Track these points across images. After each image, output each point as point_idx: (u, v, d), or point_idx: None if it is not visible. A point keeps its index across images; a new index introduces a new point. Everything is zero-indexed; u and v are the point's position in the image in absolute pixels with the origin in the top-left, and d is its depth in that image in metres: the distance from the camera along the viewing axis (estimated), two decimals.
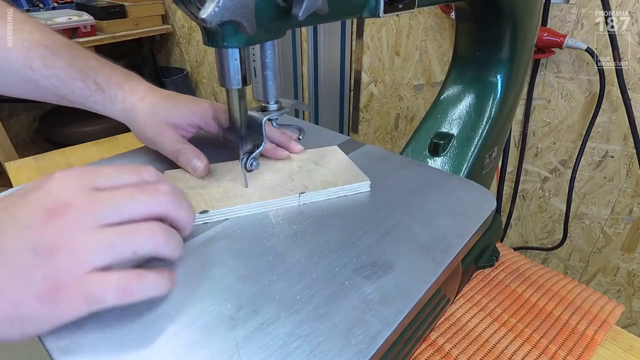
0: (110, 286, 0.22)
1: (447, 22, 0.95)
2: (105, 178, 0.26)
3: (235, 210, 0.35)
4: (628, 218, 0.85)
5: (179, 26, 1.78)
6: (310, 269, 0.29)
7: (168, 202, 0.26)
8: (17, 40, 0.37)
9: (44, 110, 1.91)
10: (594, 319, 0.46)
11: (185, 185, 0.38)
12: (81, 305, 0.22)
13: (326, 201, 0.37)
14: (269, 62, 0.33)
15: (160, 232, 0.25)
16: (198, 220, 0.34)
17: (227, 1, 0.23)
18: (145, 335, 0.24)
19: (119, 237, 0.23)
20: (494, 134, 0.51)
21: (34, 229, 0.22)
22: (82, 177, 0.25)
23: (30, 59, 0.37)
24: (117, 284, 0.22)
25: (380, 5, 0.31)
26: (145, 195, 0.25)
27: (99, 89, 0.40)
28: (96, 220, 0.23)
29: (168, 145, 0.40)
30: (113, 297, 0.22)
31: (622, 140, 0.80)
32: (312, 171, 0.40)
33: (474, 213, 0.36)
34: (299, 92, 1.40)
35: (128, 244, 0.23)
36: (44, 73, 0.37)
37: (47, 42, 0.38)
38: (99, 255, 0.23)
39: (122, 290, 0.23)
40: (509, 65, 0.50)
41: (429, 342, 0.43)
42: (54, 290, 0.22)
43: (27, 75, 0.37)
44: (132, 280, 0.23)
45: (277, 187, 0.38)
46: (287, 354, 0.23)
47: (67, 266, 0.22)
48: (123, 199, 0.25)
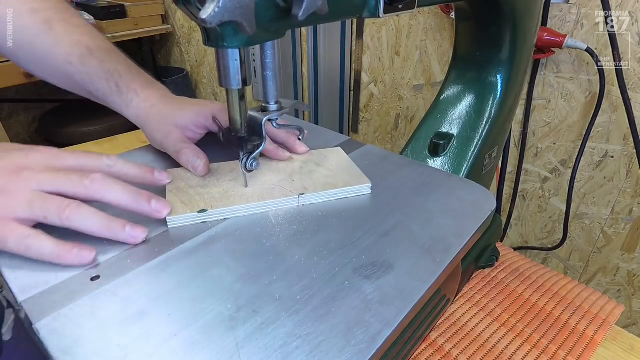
0: (13, 234, 0.28)
1: (447, 22, 0.95)
2: (68, 161, 0.33)
3: (234, 210, 0.35)
4: (628, 218, 0.85)
5: (179, 26, 1.78)
6: (310, 269, 0.29)
7: (92, 185, 0.31)
8: (67, 40, 0.44)
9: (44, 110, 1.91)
10: (594, 319, 0.46)
11: (186, 184, 0.38)
12: None
13: (326, 202, 0.37)
14: (269, 63, 0.33)
15: (69, 208, 0.29)
16: (196, 219, 0.34)
17: (227, 1, 0.23)
18: (145, 336, 0.24)
19: (40, 201, 0.29)
20: (494, 134, 0.51)
21: (1, 174, 0.29)
22: (53, 155, 0.32)
23: (70, 55, 0.43)
24: (18, 234, 0.28)
25: (380, 5, 0.31)
26: (77, 177, 0.31)
27: (119, 91, 0.44)
28: (38, 185, 0.30)
29: (171, 146, 0.41)
30: (13, 242, 0.28)
31: (622, 140, 0.80)
32: (313, 172, 0.40)
33: (474, 213, 0.36)
34: (299, 92, 1.40)
35: (41, 208, 0.29)
36: (78, 69, 0.43)
37: (90, 44, 0.44)
38: (21, 208, 0.29)
39: (20, 240, 0.28)
40: (509, 65, 0.50)
41: (429, 342, 0.43)
42: None
43: (66, 69, 0.44)
44: (29, 236, 0.28)
45: (276, 187, 0.38)
46: (287, 354, 0.23)
47: (0, 207, 0.28)
48: (61, 177, 0.31)
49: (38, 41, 0.43)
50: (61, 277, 0.28)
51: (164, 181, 0.37)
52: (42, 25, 0.43)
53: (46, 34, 0.43)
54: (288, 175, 0.40)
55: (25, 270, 0.28)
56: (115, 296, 0.27)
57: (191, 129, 0.43)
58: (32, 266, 0.29)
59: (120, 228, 0.31)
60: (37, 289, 0.27)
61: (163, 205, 0.33)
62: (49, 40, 0.43)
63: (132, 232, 0.31)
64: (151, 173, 0.36)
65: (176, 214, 0.33)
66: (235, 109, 0.34)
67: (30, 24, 0.43)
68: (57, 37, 0.43)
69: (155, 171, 0.37)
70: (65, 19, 0.44)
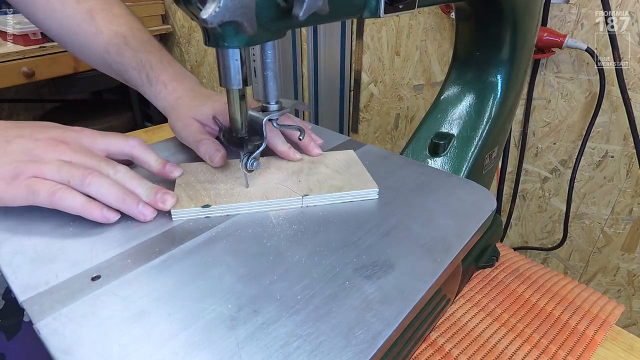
0: (45, 186, 0.31)
1: (447, 22, 0.95)
2: (98, 144, 0.36)
3: (237, 208, 0.35)
4: (628, 218, 0.85)
5: (179, 26, 1.78)
6: (310, 269, 0.29)
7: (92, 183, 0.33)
8: (106, 30, 0.46)
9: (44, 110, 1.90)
10: (594, 319, 0.46)
11: (195, 178, 0.38)
12: (22, 193, 0.31)
13: (330, 204, 0.37)
14: (269, 63, 0.33)
15: (91, 175, 0.32)
16: (200, 214, 0.34)
17: (227, 1, 0.23)
18: (146, 336, 0.24)
19: (67, 167, 0.32)
20: (494, 134, 0.51)
21: (37, 143, 0.33)
22: (87, 135, 0.36)
23: (109, 45, 0.46)
24: (50, 187, 0.31)
25: (380, 5, 0.31)
26: (105, 162, 0.34)
27: (149, 82, 0.46)
28: (69, 157, 0.33)
29: (191, 136, 0.43)
30: (44, 194, 0.31)
31: (622, 140, 0.80)
32: (320, 174, 0.40)
33: (474, 213, 0.36)
34: (299, 92, 1.40)
35: (67, 173, 0.32)
36: (115, 59, 0.46)
37: (127, 35, 0.46)
38: (50, 171, 0.32)
39: (51, 192, 0.31)
40: (509, 65, 0.50)
41: (429, 342, 0.43)
42: (15, 177, 0.31)
43: (104, 58, 0.47)
44: (60, 189, 0.31)
45: (281, 187, 0.38)
46: (288, 354, 0.23)
47: (32, 167, 0.32)
48: (92, 159, 0.34)
49: (81, 30, 0.46)
50: (62, 277, 0.28)
51: (173, 173, 0.38)
52: (85, 14, 0.46)
53: (88, 24, 0.46)
54: (295, 175, 0.39)
55: (25, 270, 0.28)
56: (116, 296, 0.27)
57: (209, 125, 0.44)
58: (33, 266, 0.29)
59: (134, 203, 0.33)
60: (38, 289, 0.27)
61: (149, 210, 0.34)
62: (91, 30, 0.46)
63: (144, 209, 0.33)
64: (163, 165, 0.38)
65: (181, 207, 0.34)
66: (236, 109, 0.34)
67: (74, 14, 0.46)
68: (97, 26, 0.46)
69: (167, 164, 0.38)
70: (106, 9, 0.47)
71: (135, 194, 0.34)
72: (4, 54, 1.30)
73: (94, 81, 1.58)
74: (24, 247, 0.30)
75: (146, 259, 0.30)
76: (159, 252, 0.30)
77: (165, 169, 0.38)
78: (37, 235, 0.31)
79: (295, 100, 0.39)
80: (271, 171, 0.40)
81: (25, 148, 0.33)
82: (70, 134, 0.35)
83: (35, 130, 0.34)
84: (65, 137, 0.35)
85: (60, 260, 0.29)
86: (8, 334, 0.40)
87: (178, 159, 0.45)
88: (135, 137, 0.38)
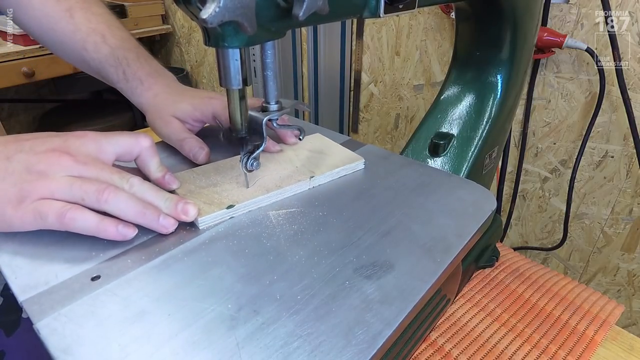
0: (53, 209, 0.29)
1: (447, 22, 0.95)
2: (107, 148, 0.33)
3: (257, 202, 0.36)
4: (628, 218, 0.85)
5: (179, 26, 1.78)
6: (310, 269, 0.29)
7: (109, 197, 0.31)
8: (84, 28, 0.46)
9: (44, 110, 1.91)
10: (594, 319, 0.46)
11: (195, 185, 0.38)
12: (30, 217, 0.29)
13: (326, 197, 0.37)
14: (269, 62, 0.33)
15: (107, 191, 0.30)
16: (225, 216, 0.34)
17: (227, 1, 0.23)
18: (146, 335, 0.24)
19: (80, 183, 0.30)
20: (494, 134, 0.51)
21: (39, 157, 0.30)
22: (91, 141, 0.32)
23: (86, 42, 0.46)
24: (58, 209, 0.29)
25: (380, 5, 0.31)
26: (118, 175, 0.32)
27: (125, 78, 0.46)
28: (78, 171, 0.30)
29: (173, 135, 0.43)
30: (52, 217, 0.28)
31: (622, 140, 0.80)
32: (310, 158, 0.42)
33: (474, 213, 0.36)
34: (299, 92, 1.40)
35: (80, 190, 0.30)
36: (92, 56, 0.46)
37: (105, 32, 0.47)
38: (60, 190, 0.29)
39: (60, 214, 0.28)
40: (509, 65, 0.50)
41: (429, 342, 0.43)
42: (22, 200, 0.29)
43: (82, 55, 0.47)
44: (70, 210, 0.29)
45: (288, 175, 0.39)
46: (288, 354, 0.23)
47: (39, 187, 0.29)
48: (104, 172, 0.31)
49: (59, 28, 0.47)
50: (61, 277, 0.28)
51: (171, 185, 0.36)
52: (64, 12, 0.46)
53: (66, 21, 0.46)
54: (288, 164, 0.41)
55: (25, 270, 0.28)
56: (116, 296, 0.26)
57: (189, 122, 0.45)
58: (33, 266, 0.29)
59: (155, 217, 0.31)
60: (38, 289, 0.27)
61: (171, 222, 0.32)
62: (69, 27, 0.46)
63: (165, 222, 0.32)
64: (163, 175, 0.36)
65: (206, 214, 0.33)
66: (236, 109, 0.34)
67: (53, 12, 0.46)
68: (76, 24, 0.46)
69: (167, 174, 0.36)
70: (85, 8, 0.48)
71: (154, 206, 0.32)
72: (4, 54, 1.30)
73: (94, 81, 1.57)
74: (23, 247, 0.30)
75: (146, 258, 0.30)
76: (158, 252, 0.30)
77: (164, 180, 0.36)
78: (37, 235, 0.31)
79: (295, 100, 0.39)
80: (267, 166, 0.40)
81: (28, 165, 0.30)
82: (73, 142, 0.32)
83: (35, 142, 0.31)
84: (67, 146, 0.31)
85: (60, 260, 0.29)
86: (7, 331, 0.40)
87: (178, 159, 0.44)
88: (144, 135, 0.35)
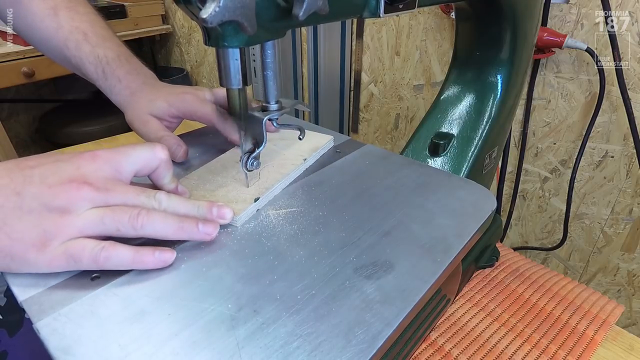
0: (85, 251, 0.27)
1: (447, 22, 0.95)
2: (124, 167, 0.30)
3: (275, 189, 0.38)
4: (628, 218, 0.85)
5: (179, 26, 1.78)
6: (310, 269, 0.29)
7: (159, 202, 0.31)
8: (67, 26, 0.47)
9: (44, 110, 1.90)
10: (594, 319, 0.46)
11: (205, 190, 0.37)
12: (61, 261, 0.27)
13: (327, 197, 0.37)
14: (269, 62, 0.33)
15: (140, 216, 0.28)
16: (254, 210, 0.35)
17: (227, 1, 0.23)
18: (146, 335, 0.24)
19: (111, 214, 0.28)
20: (494, 134, 0.51)
21: (54, 191, 0.27)
22: (106, 162, 0.30)
23: (68, 40, 0.47)
24: (90, 250, 0.27)
25: (380, 5, 0.31)
26: (144, 195, 0.30)
27: (104, 76, 0.47)
28: (102, 201, 0.28)
29: (152, 134, 0.44)
30: (86, 260, 0.27)
31: (622, 140, 0.80)
32: (291, 145, 0.45)
33: (474, 213, 0.36)
34: (299, 92, 1.40)
35: (113, 221, 0.28)
36: (73, 53, 0.47)
37: (88, 31, 0.47)
38: (91, 225, 0.27)
39: (94, 257, 0.27)
40: (509, 65, 0.50)
41: (429, 342, 0.43)
42: (47, 242, 0.26)
43: (63, 52, 0.47)
44: (102, 249, 0.27)
45: (280, 164, 0.41)
46: (288, 353, 0.23)
47: (65, 227, 0.27)
48: (128, 194, 0.29)
49: (43, 25, 0.47)
50: (61, 277, 0.28)
51: (185, 195, 0.35)
52: (49, 10, 0.47)
53: (51, 19, 0.47)
54: (275, 154, 0.43)
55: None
56: (116, 296, 0.27)
57: (166, 119, 0.46)
58: None
59: (194, 227, 0.30)
60: (38, 289, 0.27)
61: (211, 227, 0.31)
62: (52, 25, 0.47)
63: (206, 228, 0.30)
64: (175, 187, 0.35)
65: (238, 212, 0.34)
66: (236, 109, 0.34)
67: (38, 10, 0.47)
68: (59, 22, 0.47)
69: (179, 186, 0.35)
70: (70, 7, 0.48)
71: (190, 217, 0.31)
72: (4, 54, 1.30)
73: None
74: None
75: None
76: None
77: (177, 191, 0.35)
78: None
79: (295, 100, 0.39)
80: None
81: (44, 201, 0.27)
82: (87, 167, 0.29)
83: (43, 171, 0.28)
84: (82, 174, 0.28)
85: None
86: (10, 331, 0.40)
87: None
88: (160, 146, 0.33)
